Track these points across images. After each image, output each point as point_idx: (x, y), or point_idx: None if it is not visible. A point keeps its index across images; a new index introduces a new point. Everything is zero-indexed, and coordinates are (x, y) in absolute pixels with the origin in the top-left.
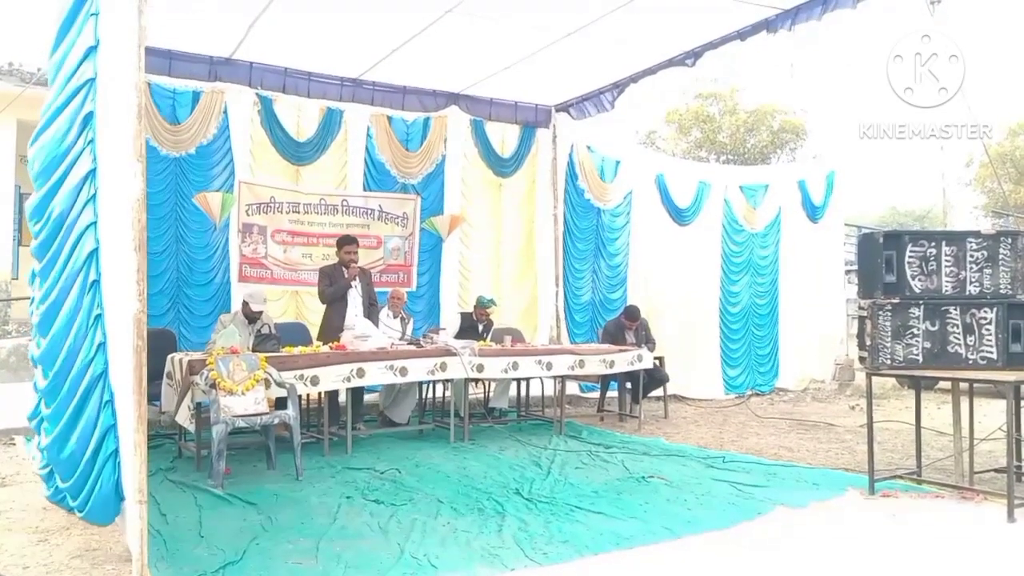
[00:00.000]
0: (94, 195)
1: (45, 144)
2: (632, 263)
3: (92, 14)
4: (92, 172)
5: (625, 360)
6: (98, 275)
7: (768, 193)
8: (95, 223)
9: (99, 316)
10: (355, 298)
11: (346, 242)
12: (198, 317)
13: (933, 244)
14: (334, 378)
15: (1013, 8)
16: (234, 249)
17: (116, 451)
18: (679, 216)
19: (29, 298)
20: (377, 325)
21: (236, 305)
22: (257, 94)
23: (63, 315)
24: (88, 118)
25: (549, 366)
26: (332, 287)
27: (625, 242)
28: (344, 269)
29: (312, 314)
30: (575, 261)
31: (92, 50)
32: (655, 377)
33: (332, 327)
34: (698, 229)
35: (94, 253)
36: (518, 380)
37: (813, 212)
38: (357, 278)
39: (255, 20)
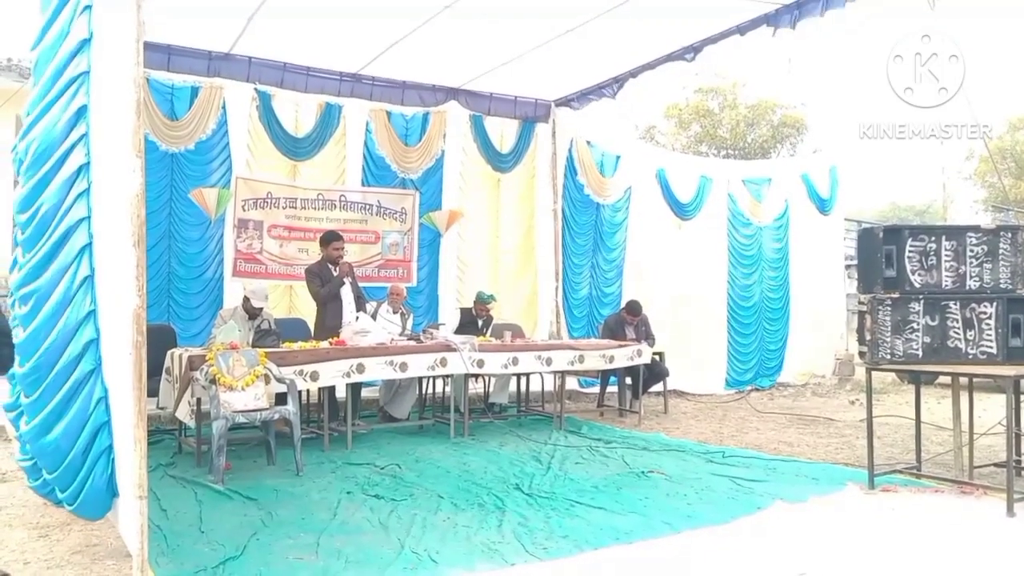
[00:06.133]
0: (87, 189)
1: (35, 137)
2: (629, 257)
3: (86, 7)
4: (85, 166)
5: (625, 355)
6: (91, 270)
7: (771, 187)
8: (88, 218)
9: (92, 312)
10: (347, 294)
11: (333, 238)
12: (189, 311)
13: (933, 239)
14: (334, 374)
15: (1013, 7)
16: (228, 244)
17: (110, 448)
18: (681, 210)
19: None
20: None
21: (228, 300)
22: (255, 89)
23: (49, 308)
24: (81, 111)
25: (549, 361)
26: (325, 287)
27: (623, 237)
28: (331, 266)
29: (306, 307)
30: (574, 256)
31: (86, 43)
32: (655, 372)
33: (326, 327)
34: (701, 223)
35: (87, 248)
36: (518, 375)
37: (822, 205)
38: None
39: (253, 14)
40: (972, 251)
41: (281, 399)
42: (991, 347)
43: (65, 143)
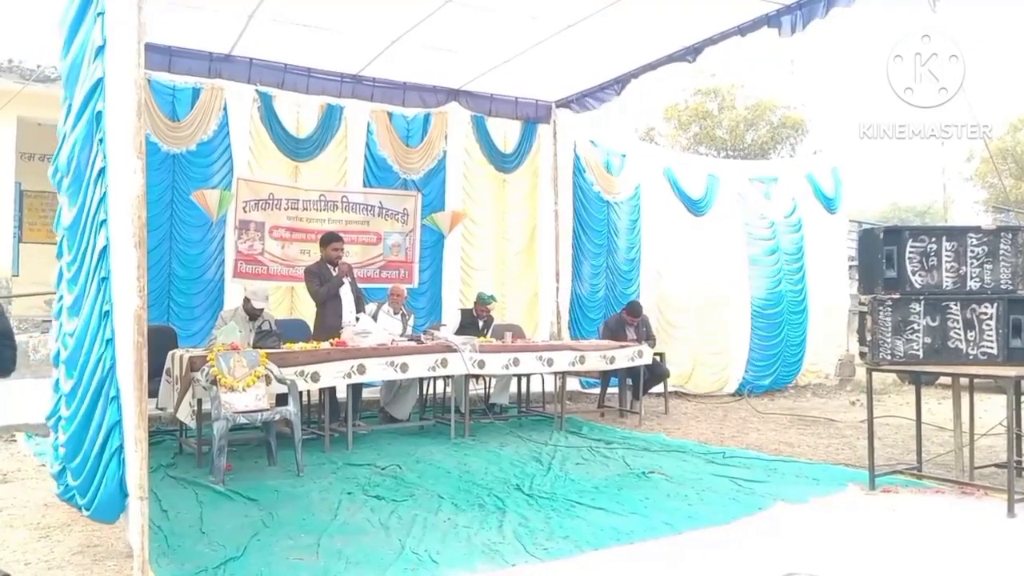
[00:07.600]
0: (105, 193)
1: (69, 150)
2: (644, 257)
3: (99, 13)
4: (103, 170)
5: (626, 356)
6: (107, 272)
7: (778, 185)
8: (106, 221)
9: (108, 312)
10: (347, 294)
11: (332, 239)
12: (189, 311)
13: (933, 239)
14: (335, 374)
15: (1013, 7)
16: (230, 245)
17: (121, 447)
18: (694, 207)
19: (30, 295)
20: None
21: (229, 301)
22: (257, 91)
23: (83, 315)
24: (99, 117)
25: (550, 362)
26: (324, 287)
27: (638, 237)
28: (331, 266)
29: (307, 308)
30: (591, 257)
31: (101, 50)
32: (655, 373)
33: (326, 326)
34: (715, 220)
35: (105, 250)
36: (519, 376)
37: (829, 203)
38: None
39: (253, 12)
40: (973, 252)
41: (282, 400)
42: (991, 348)
43: (92, 151)
